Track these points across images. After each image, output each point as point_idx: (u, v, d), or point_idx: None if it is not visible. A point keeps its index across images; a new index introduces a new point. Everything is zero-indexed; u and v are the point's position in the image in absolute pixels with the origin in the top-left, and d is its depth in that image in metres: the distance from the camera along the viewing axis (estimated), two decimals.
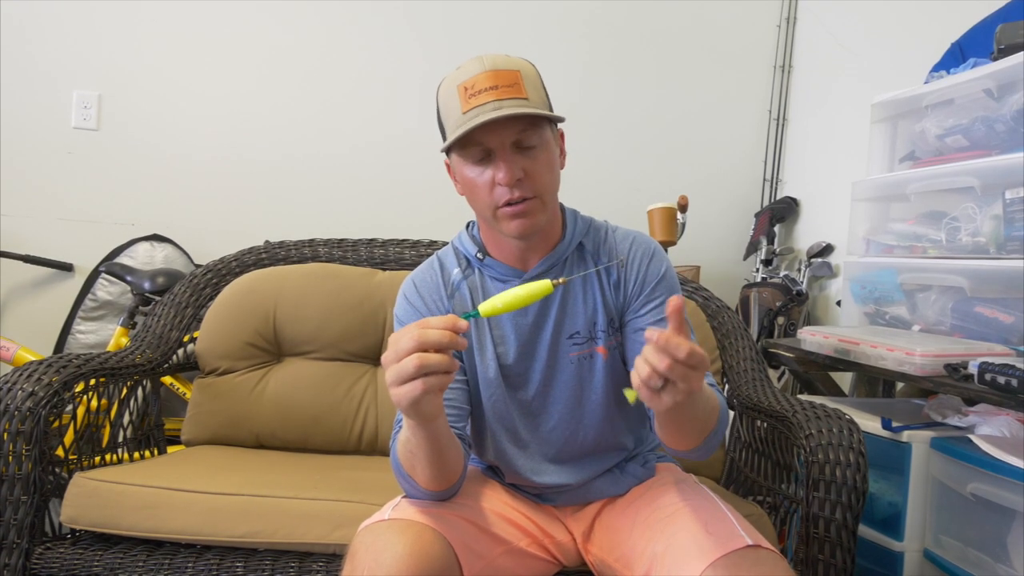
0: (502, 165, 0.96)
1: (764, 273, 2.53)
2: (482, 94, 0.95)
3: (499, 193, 0.98)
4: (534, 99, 0.98)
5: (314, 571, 1.22)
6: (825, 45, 2.58)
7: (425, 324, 0.81)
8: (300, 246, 1.80)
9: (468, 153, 0.98)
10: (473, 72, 0.97)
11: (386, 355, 0.82)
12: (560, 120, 1.02)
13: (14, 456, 1.22)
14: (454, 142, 0.97)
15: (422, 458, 0.93)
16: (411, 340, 0.79)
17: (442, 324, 0.81)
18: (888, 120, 1.85)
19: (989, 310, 1.51)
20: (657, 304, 1.07)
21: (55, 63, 2.35)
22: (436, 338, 0.79)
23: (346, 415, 1.64)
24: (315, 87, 2.51)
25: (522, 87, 0.97)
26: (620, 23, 2.66)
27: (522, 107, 0.95)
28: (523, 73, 0.98)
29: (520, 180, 0.97)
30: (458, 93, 0.97)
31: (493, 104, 0.94)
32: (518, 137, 0.97)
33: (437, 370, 0.79)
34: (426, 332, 0.80)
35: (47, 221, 2.36)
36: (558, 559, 1.12)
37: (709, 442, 0.98)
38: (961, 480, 1.34)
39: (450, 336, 0.80)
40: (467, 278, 1.10)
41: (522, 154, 0.98)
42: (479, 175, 0.99)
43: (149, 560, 1.23)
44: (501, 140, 0.96)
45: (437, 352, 0.79)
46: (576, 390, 1.09)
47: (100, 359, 1.44)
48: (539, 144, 0.99)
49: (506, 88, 0.95)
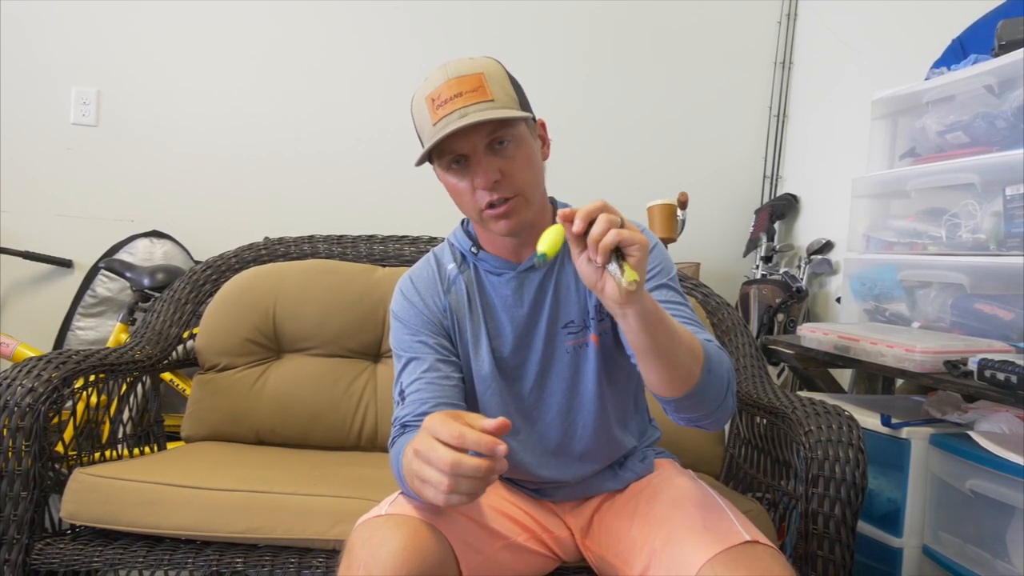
0: (478, 170, 0.97)
1: (764, 270, 2.53)
2: (448, 103, 0.95)
3: (480, 197, 0.98)
4: (501, 99, 0.97)
5: (314, 567, 1.22)
6: (826, 42, 2.58)
7: (463, 440, 0.77)
8: (300, 242, 1.80)
9: (444, 162, 0.99)
10: (438, 82, 0.97)
11: (418, 448, 0.81)
12: (527, 117, 1.00)
13: (14, 452, 1.22)
14: (430, 154, 0.98)
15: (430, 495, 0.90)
16: (446, 462, 0.77)
17: (478, 445, 0.77)
18: (888, 116, 1.85)
19: (989, 307, 1.51)
20: (650, 276, 1.05)
21: (54, 59, 2.35)
22: (471, 470, 0.77)
23: (346, 411, 1.64)
24: (315, 83, 2.51)
25: (486, 89, 0.96)
26: (621, 20, 2.66)
27: (487, 110, 0.95)
28: (487, 75, 0.97)
29: (498, 182, 0.97)
30: (427, 105, 0.97)
31: (459, 112, 0.94)
32: (490, 139, 0.97)
33: (467, 492, 0.79)
34: (462, 461, 0.77)
35: (46, 217, 2.36)
36: (557, 554, 1.12)
37: (707, 384, 0.91)
38: (960, 476, 1.34)
39: (488, 467, 0.77)
40: (463, 273, 1.11)
41: (497, 155, 0.98)
42: (459, 181, 1.00)
43: (149, 556, 1.23)
44: (473, 145, 0.96)
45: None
46: (571, 380, 1.09)
47: (100, 355, 1.43)
48: (512, 141, 0.98)
49: (470, 93, 0.95)
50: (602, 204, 0.81)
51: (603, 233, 0.78)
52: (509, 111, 0.96)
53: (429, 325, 1.07)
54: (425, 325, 1.07)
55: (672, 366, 0.89)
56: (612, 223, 0.79)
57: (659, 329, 0.85)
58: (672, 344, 0.87)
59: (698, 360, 0.90)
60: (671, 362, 0.88)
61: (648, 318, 0.84)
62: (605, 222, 0.79)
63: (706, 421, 0.96)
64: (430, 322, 1.08)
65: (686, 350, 0.89)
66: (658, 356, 0.87)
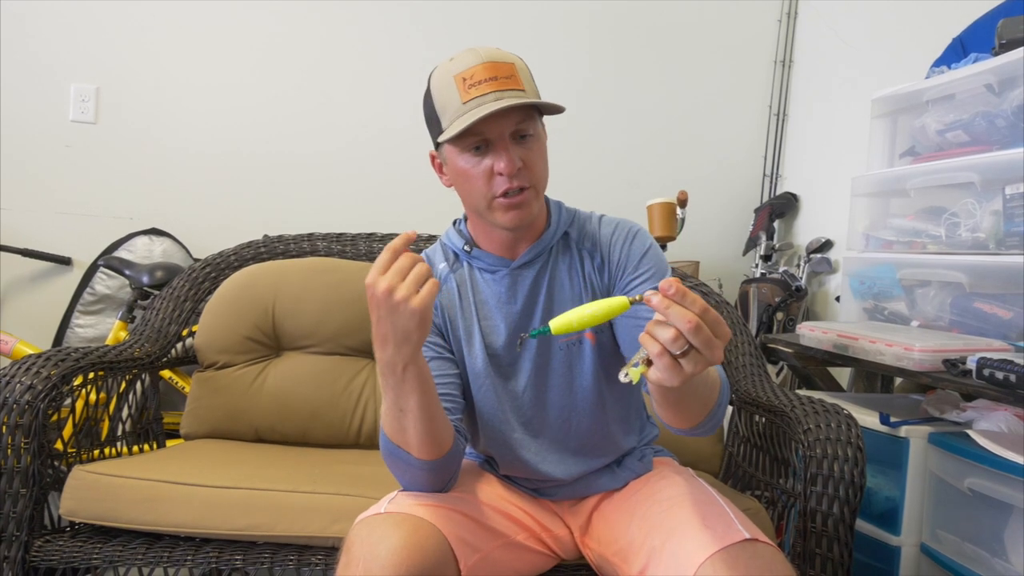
0: (503, 155, 0.97)
1: (763, 269, 2.54)
2: (482, 84, 0.95)
3: (497, 183, 0.99)
4: (529, 91, 0.99)
5: (313, 564, 1.22)
6: (826, 40, 2.57)
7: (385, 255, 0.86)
8: (299, 240, 1.80)
9: (465, 143, 0.99)
10: (470, 63, 0.97)
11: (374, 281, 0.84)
12: (561, 110, 1.01)
13: (13, 449, 1.22)
14: (457, 132, 0.97)
15: (412, 420, 0.90)
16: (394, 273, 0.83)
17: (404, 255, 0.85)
18: (888, 115, 1.85)
19: (988, 306, 1.51)
20: (646, 279, 1.06)
21: (52, 56, 2.34)
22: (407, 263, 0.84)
23: (345, 409, 1.64)
24: (315, 80, 2.50)
25: (519, 79, 0.98)
26: (621, 18, 2.66)
27: (523, 98, 0.97)
28: (517, 66, 1.00)
29: (520, 170, 0.98)
30: (456, 83, 0.97)
31: (494, 95, 0.95)
32: (516, 128, 0.98)
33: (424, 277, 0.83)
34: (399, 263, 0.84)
35: (45, 215, 2.36)
36: (556, 553, 1.12)
37: (713, 416, 0.94)
38: (959, 475, 1.34)
39: (405, 236, 0.86)
40: (455, 272, 1.11)
41: (519, 144, 0.99)
42: (475, 165, 0.99)
43: (148, 553, 1.23)
44: (500, 130, 0.97)
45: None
46: (567, 377, 1.09)
47: (99, 353, 1.43)
48: (534, 134, 1.01)
49: (505, 79, 0.96)
50: (703, 307, 0.72)
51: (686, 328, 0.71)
52: (546, 101, 0.98)
53: None
54: None
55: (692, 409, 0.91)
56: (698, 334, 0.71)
57: (680, 399, 0.87)
58: (699, 395, 0.89)
59: (709, 407, 0.92)
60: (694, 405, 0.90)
61: (674, 394, 0.84)
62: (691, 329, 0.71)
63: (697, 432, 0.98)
64: None
65: (701, 403, 0.91)
66: (685, 406, 0.89)
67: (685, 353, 0.72)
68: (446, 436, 0.97)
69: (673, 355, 0.72)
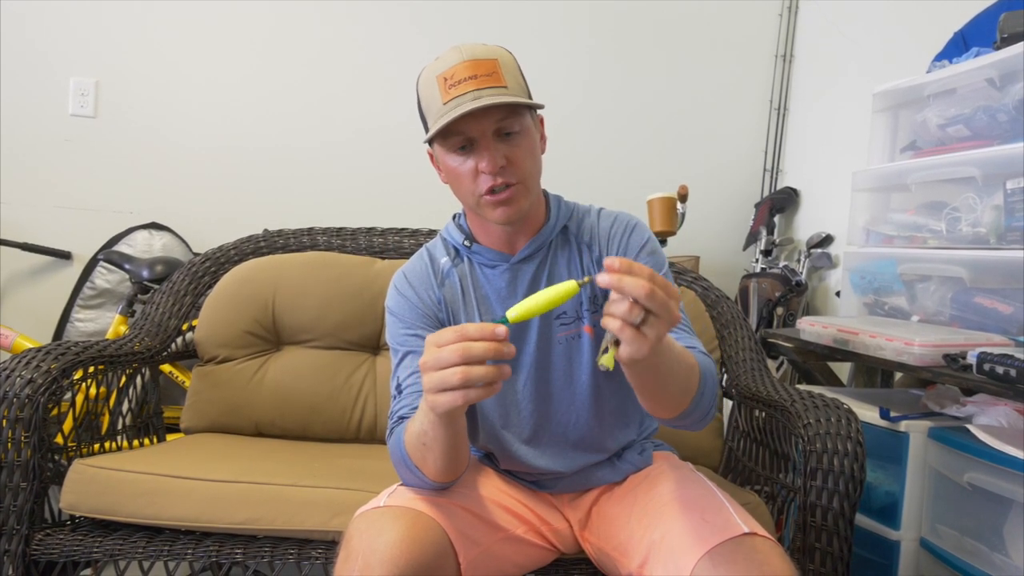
0: (484, 154, 0.97)
1: (763, 263, 2.53)
2: (461, 84, 0.95)
3: (482, 181, 0.99)
4: (512, 87, 0.98)
5: (313, 557, 1.23)
6: (827, 35, 2.57)
7: (464, 334, 0.78)
8: (299, 234, 1.80)
9: (450, 143, 0.99)
10: (452, 62, 0.97)
11: (425, 360, 0.80)
12: (539, 107, 1.01)
13: (13, 443, 1.22)
14: (436, 133, 0.97)
15: (438, 452, 0.92)
16: (454, 353, 0.77)
17: (481, 335, 0.78)
18: (889, 110, 1.85)
19: (988, 300, 1.51)
20: None
21: (52, 50, 2.34)
22: (480, 352, 0.77)
23: (345, 403, 1.64)
24: (315, 74, 2.50)
25: (500, 75, 0.97)
26: (621, 14, 2.65)
27: (501, 95, 0.96)
28: (501, 61, 0.99)
29: (503, 167, 0.98)
30: (437, 83, 0.97)
31: (472, 94, 0.95)
32: (498, 125, 0.97)
33: (481, 382, 0.78)
34: (470, 346, 0.77)
35: (45, 209, 2.35)
36: (555, 547, 1.12)
37: (698, 405, 0.95)
38: (958, 470, 1.34)
39: (495, 348, 0.78)
40: (456, 266, 1.11)
41: (503, 141, 0.98)
42: (461, 164, 0.99)
43: (149, 546, 1.24)
44: (482, 129, 0.97)
45: (480, 364, 0.78)
46: (566, 371, 1.09)
47: (99, 347, 1.43)
48: (520, 131, 0.99)
49: (485, 77, 0.96)
50: (651, 273, 0.75)
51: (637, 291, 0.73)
52: (522, 99, 0.97)
53: (424, 319, 1.08)
54: (420, 319, 1.07)
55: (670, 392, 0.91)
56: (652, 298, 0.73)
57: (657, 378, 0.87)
58: (673, 375, 0.88)
59: (690, 392, 0.92)
60: (670, 386, 0.90)
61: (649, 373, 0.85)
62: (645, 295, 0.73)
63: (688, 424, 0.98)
64: (425, 316, 1.08)
65: (680, 387, 0.91)
66: (660, 387, 0.89)
67: (644, 320, 0.75)
68: (463, 463, 0.98)
69: (634, 325, 0.75)
